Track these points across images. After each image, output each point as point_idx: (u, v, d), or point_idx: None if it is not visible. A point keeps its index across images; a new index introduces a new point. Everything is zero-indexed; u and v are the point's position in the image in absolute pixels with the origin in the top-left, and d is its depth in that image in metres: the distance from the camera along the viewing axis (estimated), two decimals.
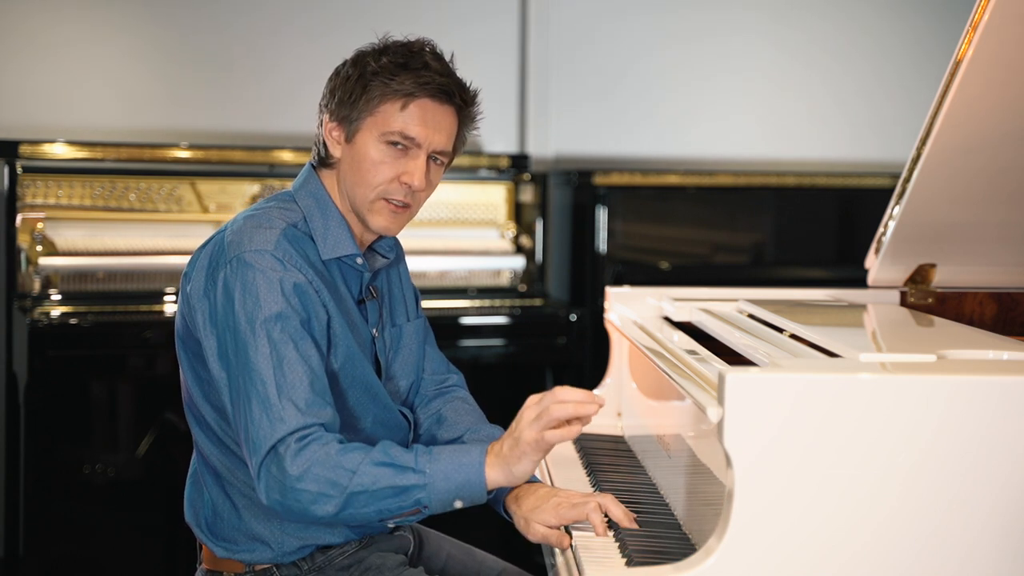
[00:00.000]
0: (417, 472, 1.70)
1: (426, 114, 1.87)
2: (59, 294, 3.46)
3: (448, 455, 1.73)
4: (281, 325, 1.76)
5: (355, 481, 1.68)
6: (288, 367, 1.75)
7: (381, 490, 1.69)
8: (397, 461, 1.71)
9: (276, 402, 1.72)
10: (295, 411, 1.72)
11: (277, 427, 1.71)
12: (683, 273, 4.14)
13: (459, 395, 2.13)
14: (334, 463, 1.69)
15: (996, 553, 1.51)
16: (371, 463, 1.70)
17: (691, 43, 4.63)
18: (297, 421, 1.71)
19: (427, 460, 1.72)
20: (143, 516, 3.50)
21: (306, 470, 1.68)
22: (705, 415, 1.57)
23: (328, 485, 1.68)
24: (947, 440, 1.50)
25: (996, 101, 2.15)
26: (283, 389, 1.73)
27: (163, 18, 4.07)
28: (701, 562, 1.50)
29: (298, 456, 1.69)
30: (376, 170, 1.87)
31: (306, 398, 1.73)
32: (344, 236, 1.91)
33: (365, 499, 1.69)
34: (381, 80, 1.85)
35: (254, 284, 1.78)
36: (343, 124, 1.89)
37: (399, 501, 1.70)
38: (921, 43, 4.82)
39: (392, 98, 1.86)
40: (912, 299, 2.52)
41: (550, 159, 4.48)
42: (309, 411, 1.73)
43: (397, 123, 1.86)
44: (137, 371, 3.41)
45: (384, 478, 1.69)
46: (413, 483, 1.70)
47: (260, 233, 1.83)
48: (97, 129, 3.97)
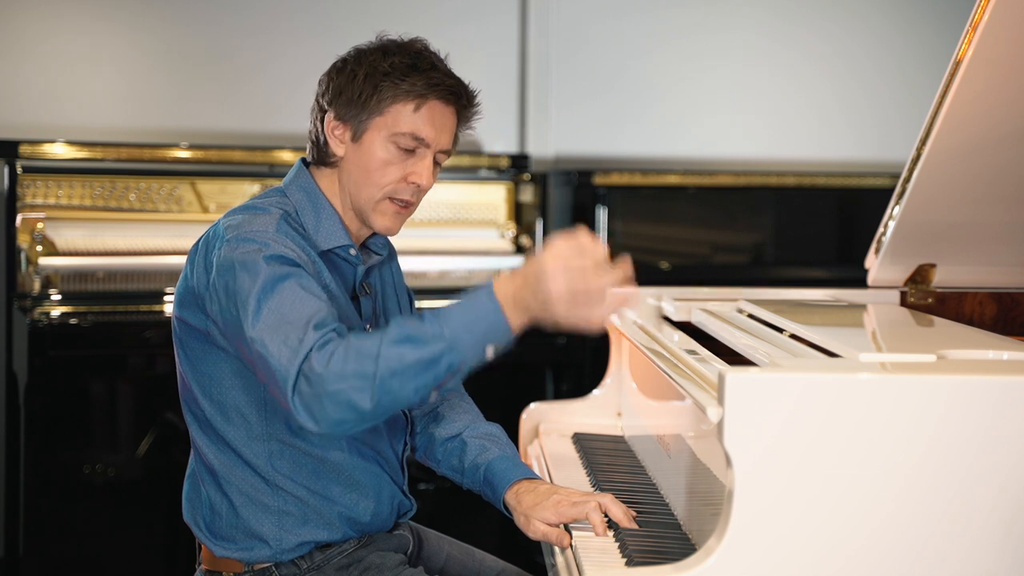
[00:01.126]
0: (439, 338, 1.62)
1: (435, 115, 1.88)
2: (59, 294, 3.46)
3: (459, 311, 1.64)
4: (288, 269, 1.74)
5: (381, 366, 1.62)
6: (298, 299, 1.71)
7: (410, 367, 1.61)
8: (415, 334, 1.63)
9: (292, 330, 1.67)
10: (311, 331, 1.67)
11: (298, 351, 1.65)
12: (683, 273, 4.14)
13: (456, 393, 2.13)
14: (354, 353, 1.63)
15: (996, 553, 1.51)
16: (390, 343, 1.63)
17: (691, 43, 4.63)
18: (313, 338, 1.66)
19: (444, 323, 1.63)
20: (143, 516, 3.50)
21: (329, 371, 1.63)
22: (705, 415, 1.57)
23: (357, 378, 1.62)
24: (947, 440, 1.50)
25: (996, 101, 2.15)
26: (297, 316, 1.69)
27: (163, 18, 4.07)
28: (701, 562, 1.50)
29: (319, 361, 1.63)
30: (384, 170, 1.88)
31: (320, 318, 1.69)
32: (337, 228, 1.91)
33: (398, 382, 1.62)
34: (392, 81, 1.85)
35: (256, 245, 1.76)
36: (349, 123, 1.89)
37: (433, 372, 1.62)
38: (921, 43, 4.82)
39: (404, 99, 1.86)
40: (912, 299, 2.52)
41: (550, 159, 4.48)
42: (323, 325, 1.68)
43: (408, 124, 1.86)
44: (137, 371, 3.41)
45: (409, 354, 1.62)
46: (440, 349, 1.62)
47: (259, 218, 1.82)
48: (97, 129, 3.97)
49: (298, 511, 1.88)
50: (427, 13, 4.29)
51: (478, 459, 1.98)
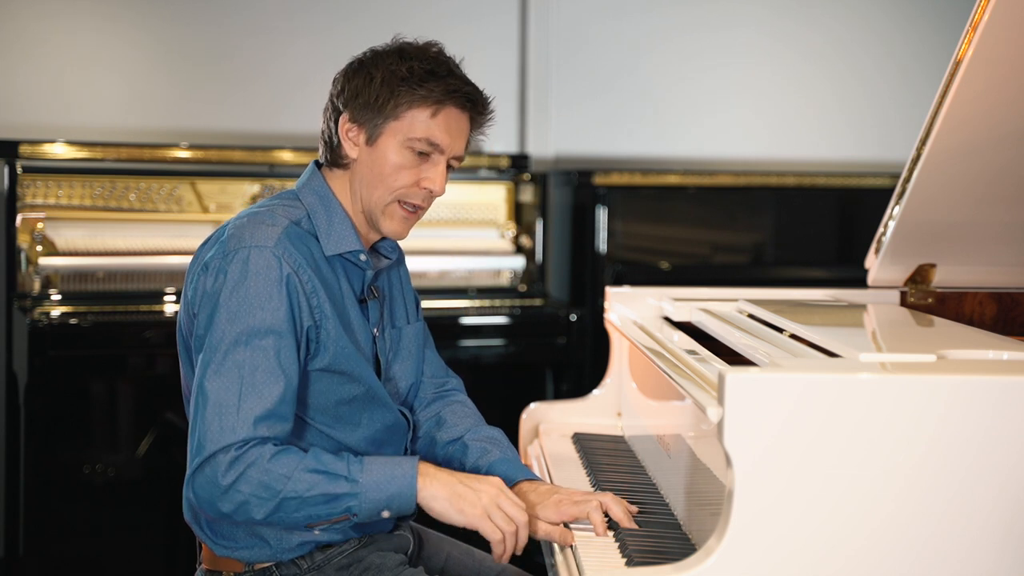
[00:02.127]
0: (350, 481, 1.73)
1: (451, 122, 1.89)
2: (59, 294, 3.46)
3: (380, 466, 1.76)
4: (267, 331, 1.77)
5: (288, 487, 1.71)
6: (261, 377, 1.75)
7: (313, 497, 1.72)
8: (330, 469, 1.73)
9: (234, 411, 1.74)
10: (248, 425, 1.73)
11: (226, 435, 1.72)
12: (683, 273, 4.14)
13: (458, 399, 2.14)
14: (268, 467, 1.71)
15: (996, 553, 1.51)
16: (304, 470, 1.72)
17: (691, 43, 4.63)
18: (246, 433, 1.73)
19: (359, 469, 1.75)
20: (143, 516, 3.50)
21: (241, 474, 1.71)
22: (705, 415, 1.57)
23: (262, 488, 1.71)
24: (947, 440, 1.50)
25: (996, 101, 2.15)
26: (246, 400, 1.74)
27: (163, 18, 4.07)
28: (701, 562, 1.50)
29: (235, 463, 1.71)
30: (397, 174, 1.88)
31: (268, 410, 1.75)
32: (348, 232, 1.92)
33: (296, 504, 1.72)
34: (409, 86, 1.86)
35: (246, 284, 1.78)
36: (364, 126, 1.89)
37: (329, 508, 1.73)
38: (921, 42, 4.82)
39: (421, 105, 1.86)
40: (912, 299, 2.52)
41: (550, 159, 4.48)
42: (262, 425, 1.74)
43: (424, 130, 1.87)
44: (137, 371, 3.41)
45: (317, 485, 1.72)
46: (345, 491, 1.73)
47: (262, 229, 1.83)
48: (97, 129, 3.97)
49: None
50: (427, 13, 4.29)
51: (479, 461, 1.99)
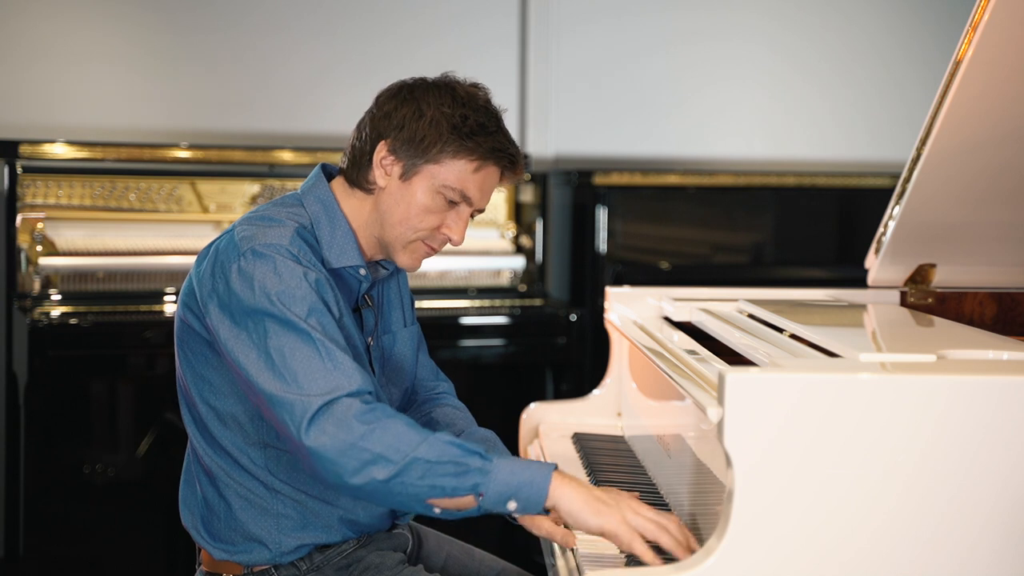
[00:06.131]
0: (484, 458, 1.65)
1: (487, 179, 1.89)
2: (59, 294, 3.46)
3: (515, 459, 1.71)
4: (312, 307, 1.74)
5: (421, 449, 1.63)
6: (328, 339, 1.72)
7: (443, 463, 1.63)
8: (466, 444, 1.66)
9: (327, 364, 1.68)
10: (355, 371, 1.68)
11: (340, 381, 1.67)
12: (683, 273, 4.14)
13: (449, 402, 2.14)
14: (403, 430, 1.64)
15: (996, 553, 1.51)
16: (440, 439, 1.65)
17: (691, 43, 4.63)
18: (360, 382, 1.68)
19: (496, 453, 1.70)
20: (143, 516, 3.50)
21: (371, 430, 1.63)
22: (705, 415, 1.57)
23: (391, 449, 1.63)
24: (947, 440, 1.50)
25: (996, 101, 2.15)
26: (328, 356, 1.69)
27: (163, 18, 4.07)
28: (701, 562, 1.50)
29: (365, 415, 1.64)
30: (423, 217, 1.88)
31: (352, 362, 1.70)
32: (350, 246, 1.90)
33: (424, 469, 1.63)
34: (460, 136, 1.84)
35: (277, 273, 1.75)
36: (402, 160, 1.87)
37: (457, 481, 1.64)
38: (922, 42, 4.82)
39: (467, 157, 1.85)
40: (912, 299, 2.52)
41: (550, 159, 4.48)
42: (361, 376, 1.69)
43: (461, 182, 1.86)
44: (137, 371, 3.41)
45: (449, 453, 1.64)
46: (478, 466, 1.64)
47: (273, 230, 1.82)
48: (97, 129, 3.97)
49: (296, 514, 1.88)
50: (428, 13, 4.29)
51: None
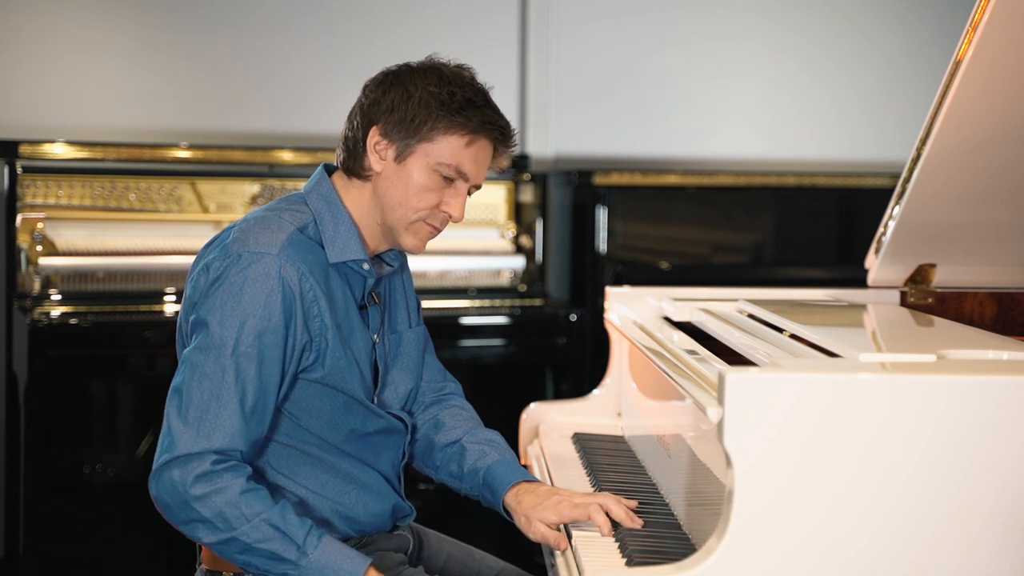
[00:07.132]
0: (300, 551, 1.73)
1: (481, 153, 1.90)
2: (59, 294, 3.46)
3: (335, 550, 1.75)
4: (256, 340, 1.77)
5: (243, 529, 1.72)
6: (240, 383, 1.76)
7: (261, 550, 1.73)
8: (287, 531, 1.73)
9: (212, 415, 1.74)
10: (225, 432, 1.74)
11: (200, 441, 1.73)
12: (683, 273, 4.14)
13: (456, 402, 2.14)
14: (234, 501, 1.72)
15: (996, 553, 1.51)
16: (265, 521, 1.72)
17: (691, 43, 4.63)
18: (221, 442, 1.74)
19: (314, 544, 1.74)
20: (143, 516, 3.48)
21: (207, 495, 1.71)
22: (705, 415, 1.57)
23: (220, 519, 1.72)
24: (947, 440, 1.50)
25: (996, 101, 2.15)
26: (225, 404, 1.75)
27: (163, 18, 4.07)
28: (701, 562, 1.50)
29: (208, 477, 1.72)
30: (421, 196, 1.89)
31: (242, 420, 1.76)
32: (353, 241, 1.91)
33: (242, 548, 1.73)
34: (448, 112, 1.86)
35: (243, 291, 1.78)
36: (395, 143, 1.88)
37: (271, 565, 1.74)
38: (921, 43, 4.82)
39: (458, 132, 1.87)
40: (912, 299, 2.52)
41: (550, 159, 4.48)
42: (238, 435, 1.75)
43: (455, 157, 1.87)
44: (137, 371, 3.41)
45: (269, 541, 1.72)
46: (292, 559, 1.73)
47: (267, 234, 1.83)
48: (97, 129, 3.97)
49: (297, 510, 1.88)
50: (427, 13, 4.29)
51: (478, 463, 1.99)
